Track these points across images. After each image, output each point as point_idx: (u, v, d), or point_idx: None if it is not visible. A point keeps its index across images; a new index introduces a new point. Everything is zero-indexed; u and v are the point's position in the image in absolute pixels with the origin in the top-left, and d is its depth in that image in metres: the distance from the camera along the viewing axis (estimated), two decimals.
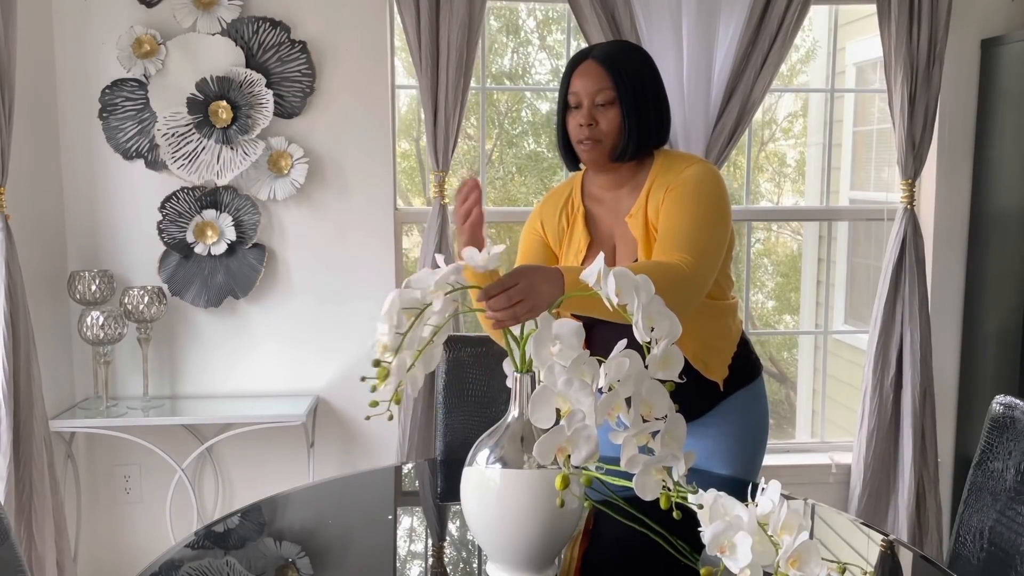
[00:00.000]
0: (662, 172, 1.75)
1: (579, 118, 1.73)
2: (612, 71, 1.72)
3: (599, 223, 1.82)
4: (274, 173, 2.78)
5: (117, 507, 2.94)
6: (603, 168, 1.78)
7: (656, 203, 1.71)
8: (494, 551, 1.25)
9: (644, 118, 1.74)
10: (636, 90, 1.73)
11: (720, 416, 1.82)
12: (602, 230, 1.81)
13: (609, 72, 1.72)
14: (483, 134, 3.12)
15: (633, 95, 1.72)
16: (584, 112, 1.73)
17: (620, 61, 1.73)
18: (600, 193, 1.84)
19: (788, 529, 0.99)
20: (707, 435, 1.82)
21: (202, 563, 1.44)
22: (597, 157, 1.76)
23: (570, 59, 1.81)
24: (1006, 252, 2.84)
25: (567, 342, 1.17)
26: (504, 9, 3.48)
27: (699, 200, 1.68)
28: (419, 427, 2.82)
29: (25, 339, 2.37)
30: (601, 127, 1.73)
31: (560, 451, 1.10)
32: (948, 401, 3.07)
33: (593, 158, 1.76)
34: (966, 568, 1.56)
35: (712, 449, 1.82)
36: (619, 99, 1.72)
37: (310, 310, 2.89)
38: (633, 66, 1.74)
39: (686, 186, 1.69)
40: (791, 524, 1.00)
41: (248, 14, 2.73)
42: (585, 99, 1.73)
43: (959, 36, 2.89)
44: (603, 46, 1.79)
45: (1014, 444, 1.53)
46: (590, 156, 1.76)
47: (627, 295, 1.14)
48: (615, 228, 1.80)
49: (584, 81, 1.73)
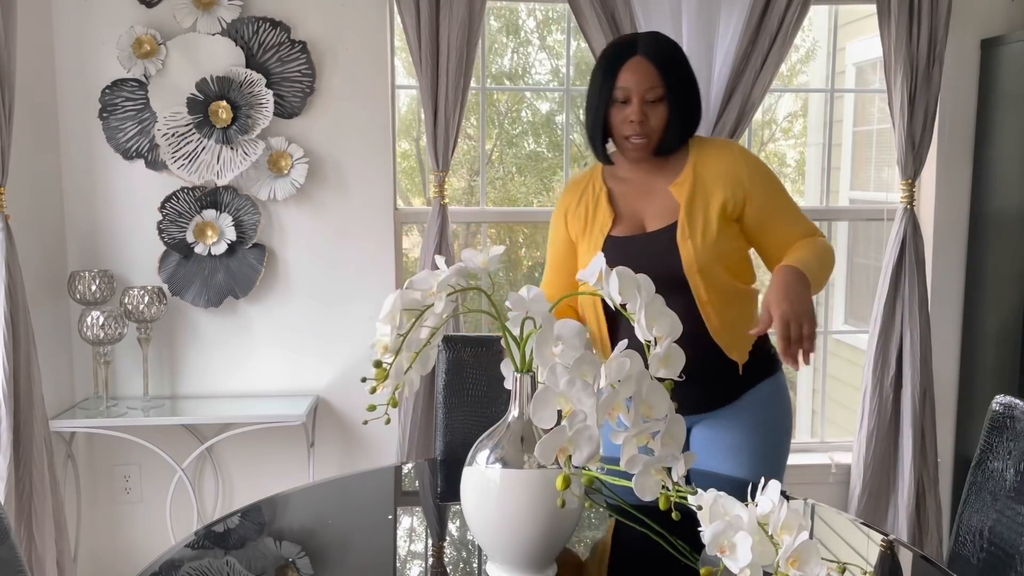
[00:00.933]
0: (700, 149, 1.82)
1: (630, 114, 1.75)
2: (663, 69, 1.75)
3: (622, 200, 1.85)
4: (274, 173, 2.78)
5: (117, 507, 2.94)
6: (645, 159, 1.82)
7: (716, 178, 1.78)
8: (494, 551, 1.25)
9: (689, 113, 1.80)
10: (682, 86, 1.78)
11: (745, 408, 1.84)
12: (626, 205, 1.84)
13: (660, 70, 1.74)
14: (483, 134, 3.12)
15: (679, 92, 1.77)
16: (635, 108, 1.74)
17: (668, 58, 1.77)
18: (626, 174, 1.87)
19: (788, 529, 0.99)
20: (734, 426, 1.83)
21: (202, 563, 1.43)
22: (645, 152, 1.79)
23: (612, 51, 1.80)
24: (1006, 252, 2.84)
25: (569, 342, 1.17)
26: (504, 9, 3.48)
27: (776, 184, 1.84)
28: (419, 427, 2.82)
29: (25, 339, 2.37)
30: (651, 123, 1.76)
31: (562, 451, 1.10)
32: (948, 401, 3.07)
33: (641, 153, 1.80)
34: (966, 568, 1.56)
35: (740, 442, 1.83)
36: (668, 96, 1.75)
37: (310, 310, 2.89)
38: (679, 62, 1.79)
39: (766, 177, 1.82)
40: (791, 524, 1.00)
41: (248, 14, 2.73)
42: (635, 95, 1.74)
43: (959, 36, 2.90)
44: (647, 40, 1.79)
45: (1014, 444, 1.53)
46: (638, 152, 1.79)
47: (628, 294, 1.14)
48: (640, 203, 1.84)
49: (636, 77, 1.74)
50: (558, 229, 1.93)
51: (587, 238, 1.85)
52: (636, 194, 1.85)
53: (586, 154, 3.72)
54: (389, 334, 1.17)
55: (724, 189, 1.78)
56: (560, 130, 3.31)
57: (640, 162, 1.84)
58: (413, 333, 1.19)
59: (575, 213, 1.88)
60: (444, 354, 2.09)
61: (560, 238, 1.93)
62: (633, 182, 1.86)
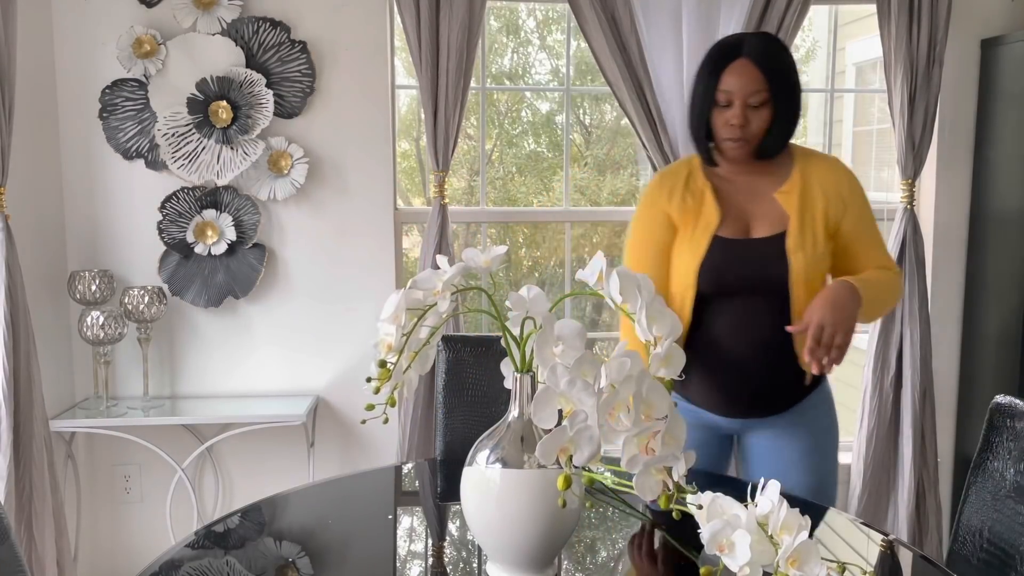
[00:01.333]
0: (805, 159, 1.82)
1: (731, 117, 1.73)
2: (768, 73, 1.71)
3: (728, 199, 1.82)
4: (274, 173, 2.78)
5: (117, 507, 2.93)
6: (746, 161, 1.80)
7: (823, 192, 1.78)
8: (494, 551, 1.25)
9: (793, 117, 1.77)
10: (787, 90, 1.74)
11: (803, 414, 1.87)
12: (731, 206, 1.82)
13: (765, 74, 1.71)
14: (483, 134, 3.12)
15: (784, 96, 1.74)
16: (737, 112, 1.72)
17: (774, 61, 1.73)
18: (729, 174, 1.84)
19: (788, 529, 0.99)
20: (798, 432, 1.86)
21: (202, 563, 1.44)
22: (744, 155, 1.77)
23: (717, 51, 1.77)
24: (1006, 252, 2.84)
25: (569, 342, 1.17)
26: (504, 9, 3.48)
27: (869, 209, 1.85)
28: (419, 427, 2.82)
29: (25, 339, 2.37)
30: (752, 127, 1.73)
31: (562, 451, 1.10)
32: (948, 401, 3.07)
33: (740, 156, 1.78)
34: (966, 568, 1.56)
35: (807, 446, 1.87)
36: (772, 100, 1.72)
37: (310, 310, 2.89)
38: (784, 65, 1.75)
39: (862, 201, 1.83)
40: (791, 524, 1.00)
41: (248, 14, 2.73)
42: (738, 99, 1.72)
43: (959, 36, 2.90)
44: (753, 42, 1.74)
45: (1013, 444, 1.53)
46: (737, 154, 1.77)
47: (629, 295, 1.14)
48: (748, 205, 1.82)
49: (739, 81, 1.71)
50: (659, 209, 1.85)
51: (690, 233, 1.81)
52: (740, 195, 1.82)
53: (586, 154, 3.72)
54: (393, 334, 1.17)
55: (828, 203, 1.78)
56: (560, 130, 3.31)
57: (741, 163, 1.81)
58: (413, 333, 1.19)
59: (680, 202, 1.83)
60: (444, 354, 2.09)
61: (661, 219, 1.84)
62: (736, 183, 1.84)
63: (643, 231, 1.89)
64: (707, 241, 1.79)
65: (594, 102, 3.66)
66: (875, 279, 1.78)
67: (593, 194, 3.62)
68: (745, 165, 1.82)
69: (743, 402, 1.86)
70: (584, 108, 3.73)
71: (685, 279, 1.81)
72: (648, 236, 1.88)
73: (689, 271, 1.80)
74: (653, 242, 1.87)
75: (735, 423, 1.90)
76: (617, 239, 3.66)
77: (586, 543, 1.53)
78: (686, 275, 1.81)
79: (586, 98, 3.64)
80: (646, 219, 1.89)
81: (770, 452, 1.89)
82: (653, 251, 1.87)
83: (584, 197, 3.57)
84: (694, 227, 1.81)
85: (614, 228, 3.60)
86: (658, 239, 1.86)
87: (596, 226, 3.62)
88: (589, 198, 3.59)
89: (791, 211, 1.77)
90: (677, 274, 1.83)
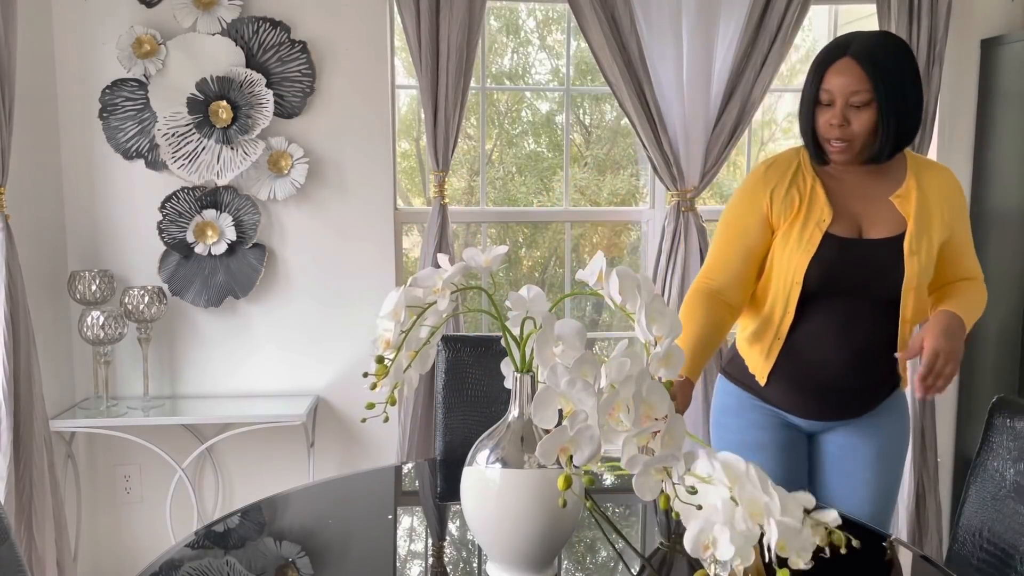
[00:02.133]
0: (919, 166, 1.80)
1: (830, 117, 1.70)
2: (871, 72, 1.66)
3: (839, 197, 1.79)
4: (274, 173, 2.78)
5: (117, 507, 2.94)
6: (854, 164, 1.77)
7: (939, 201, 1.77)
8: (494, 551, 1.25)
9: (902, 120, 1.70)
10: (895, 92, 1.67)
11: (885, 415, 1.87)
12: (842, 204, 1.78)
13: (868, 73, 1.65)
14: (483, 134, 3.12)
15: (892, 98, 1.67)
16: (837, 112, 1.69)
17: (881, 61, 1.66)
18: (839, 173, 1.81)
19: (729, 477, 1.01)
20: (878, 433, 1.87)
21: (202, 563, 1.44)
22: (847, 158, 1.74)
23: (825, 50, 1.73)
24: (1006, 252, 2.84)
25: (570, 342, 1.17)
26: (504, 9, 3.48)
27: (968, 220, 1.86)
28: (419, 427, 2.82)
29: (25, 339, 2.37)
30: (853, 128, 1.69)
31: (562, 451, 1.10)
32: (948, 401, 3.06)
33: (843, 159, 1.74)
34: (965, 568, 1.56)
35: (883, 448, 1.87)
36: (876, 101, 1.67)
37: (310, 310, 2.89)
38: (894, 66, 1.68)
39: (966, 211, 1.83)
40: None
41: (248, 14, 2.73)
42: (839, 99, 1.69)
43: (959, 36, 2.90)
44: (863, 40, 1.69)
45: (1013, 444, 1.53)
46: (840, 157, 1.74)
47: (629, 294, 1.14)
48: (860, 205, 1.78)
49: (840, 80, 1.67)
50: (757, 205, 1.80)
51: (798, 229, 1.77)
52: (852, 195, 1.79)
53: (586, 154, 3.72)
54: (392, 330, 1.17)
55: (942, 212, 1.77)
56: (560, 130, 3.31)
57: (850, 164, 1.78)
58: (413, 331, 1.19)
59: (784, 197, 1.78)
60: (444, 354, 2.09)
61: (757, 215, 1.80)
62: (848, 183, 1.80)
63: (736, 222, 1.85)
64: (819, 237, 1.74)
65: (594, 102, 3.66)
66: (972, 303, 1.79)
67: (593, 194, 3.61)
68: (856, 166, 1.79)
69: (832, 404, 1.84)
70: (584, 108, 3.73)
71: (793, 275, 1.76)
72: (739, 230, 1.84)
73: (798, 267, 1.75)
74: (743, 233, 1.83)
75: (816, 424, 1.88)
76: (617, 239, 3.66)
77: (586, 543, 1.53)
78: (794, 271, 1.76)
79: (586, 98, 3.64)
80: (741, 210, 1.84)
81: (844, 451, 1.88)
82: (740, 244, 1.83)
83: (584, 197, 3.57)
84: (804, 222, 1.76)
85: (614, 228, 3.60)
86: (749, 233, 1.82)
87: (596, 226, 3.62)
88: (589, 198, 3.59)
89: (908, 215, 1.74)
90: (782, 269, 1.79)
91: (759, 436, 1.89)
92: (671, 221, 2.86)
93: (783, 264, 1.79)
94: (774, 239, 1.81)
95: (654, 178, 3.00)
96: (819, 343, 1.79)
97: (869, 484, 1.86)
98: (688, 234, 2.86)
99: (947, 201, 1.79)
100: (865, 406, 1.85)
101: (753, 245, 1.82)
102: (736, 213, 1.85)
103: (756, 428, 1.89)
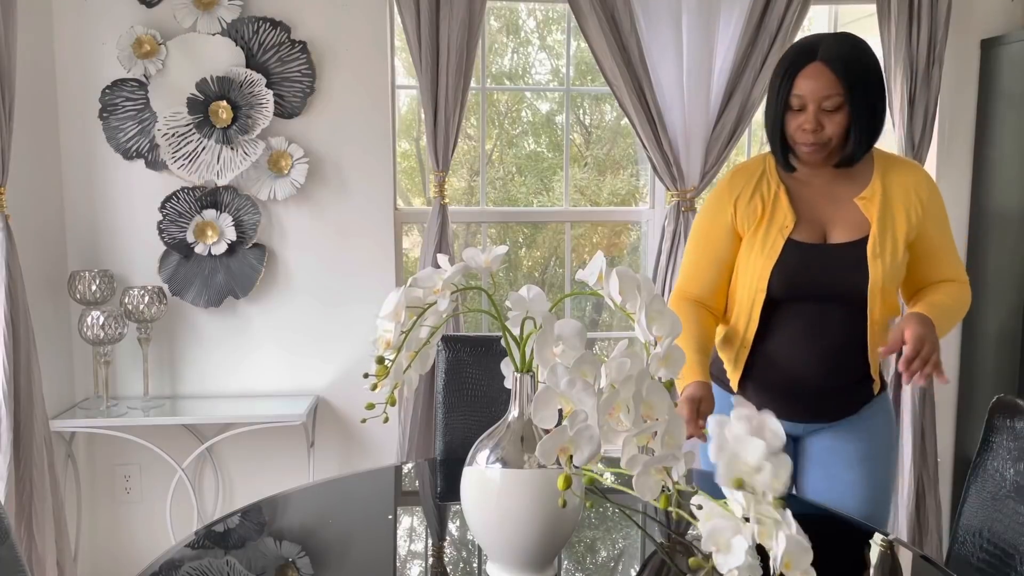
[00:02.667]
0: (886, 165, 1.78)
1: (803, 122, 1.69)
2: (843, 76, 1.65)
3: (801, 202, 1.78)
4: (274, 173, 2.78)
5: (117, 507, 2.94)
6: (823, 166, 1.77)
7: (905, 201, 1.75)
8: (494, 551, 1.25)
9: (872, 122, 1.70)
10: (866, 95, 1.68)
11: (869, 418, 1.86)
12: (807, 209, 1.78)
13: (840, 77, 1.65)
14: (483, 134, 3.12)
15: (862, 99, 1.67)
16: (810, 117, 1.68)
17: (850, 63, 1.66)
18: (805, 176, 1.80)
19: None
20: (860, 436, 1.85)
21: (202, 563, 1.44)
22: (819, 160, 1.74)
23: (792, 54, 1.71)
24: (1006, 252, 2.84)
25: (570, 342, 1.17)
26: (504, 9, 3.48)
27: (946, 220, 1.83)
28: (419, 427, 2.82)
29: (25, 339, 2.37)
30: (826, 132, 1.69)
31: (562, 451, 1.10)
32: (948, 401, 3.07)
33: (815, 161, 1.74)
34: (965, 568, 1.56)
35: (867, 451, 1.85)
36: (848, 104, 1.67)
37: (310, 310, 2.89)
38: (862, 68, 1.68)
39: (941, 209, 1.80)
40: None
41: (248, 14, 2.73)
42: (811, 104, 1.68)
43: (959, 36, 2.90)
44: (830, 45, 1.68)
45: (1013, 444, 1.53)
46: (812, 159, 1.73)
47: (629, 294, 1.14)
48: (825, 209, 1.78)
49: (812, 84, 1.66)
50: (722, 214, 1.81)
51: (761, 235, 1.77)
52: (817, 199, 1.78)
53: (586, 154, 3.72)
54: (392, 330, 1.17)
55: (908, 212, 1.75)
56: (560, 130, 3.31)
57: (820, 166, 1.77)
58: (413, 332, 1.19)
59: (747, 204, 1.79)
60: (444, 354, 2.09)
61: (722, 224, 1.82)
62: (813, 186, 1.79)
63: (703, 233, 1.86)
64: (781, 244, 1.75)
65: (594, 102, 3.66)
66: (946, 306, 1.77)
67: (593, 194, 3.62)
68: (823, 169, 1.78)
69: (809, 408, 1.84)
70: (584, 108, 3.73)
71: (756, 282, 1.77)
72: (707, 240, 1.85)
73: (761, 274, 1.76)
74: (710, 245, 1.84)
75: (797, 427, 1.88)
76: (617, 239, 3.66)
77: (586, 543, 1.53)
78: (758, 278, 1.77)
79: (586, 98, 3.64)
80: (708, 220, 1.85)
81: (827, 453, 1.87)
82: (710, 254, 1.84)
83: (584, 197, 3.57)
84: (767, 229, 1.77)
85: (614, 228, 3.60)
86: (717, 243, 1.83)
87: (596, 226, 3.62)
88: (589, 198, 3.59)
89: (872, 218, 1.73)
90: (746, 276, 1.79)
91: None
92: (671, 221, 2.87)
93: (747, 271, 1.79)
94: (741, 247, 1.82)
95: (654, 178, 3.00)
96: (788, 349, 1.79)
97: (855, 485, 1.84)
98: (688, 234, 2.86)
99: (916, 200, 1.76)
100: (843, 409, 1.84)
101: (722, 255, 1.83)
102: (703, 223, 1.86)
103: None
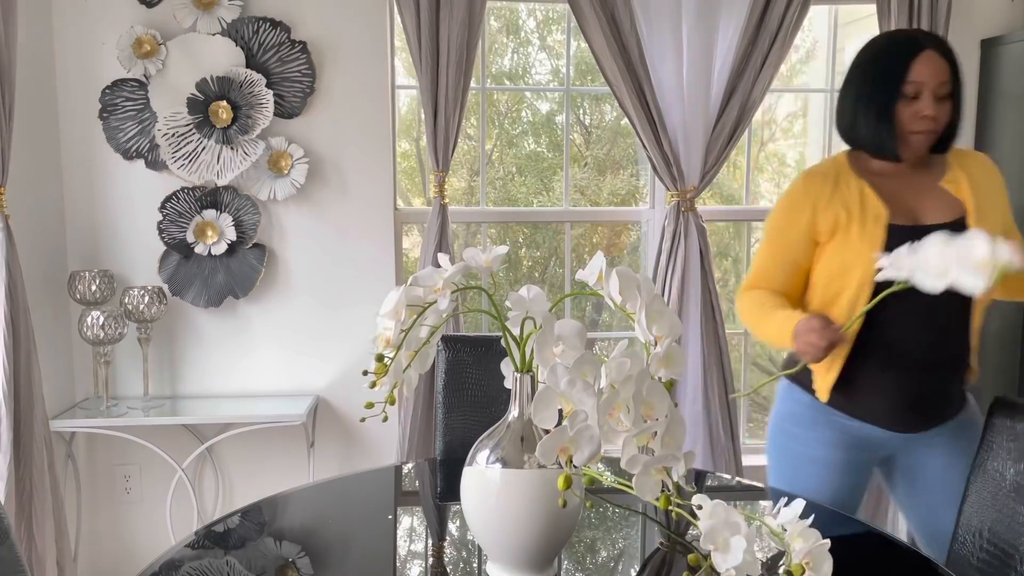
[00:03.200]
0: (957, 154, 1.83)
1: (922, 108, 1.72)
2: (952, 64, 1.73)
3: (889, 194, 1.79)
4: (274, 173, 2.78)
5: (117, 507, 2.94)
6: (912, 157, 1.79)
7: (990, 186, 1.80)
8: (494, 551, 1.25)
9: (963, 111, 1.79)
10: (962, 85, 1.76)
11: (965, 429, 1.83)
12: (894, 200, 1.79)
13: (950, 65, 1.72)
14: (483, 134, 3.12)
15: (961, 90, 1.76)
16: (929, 103, 1.71)
17: (952, 54, 1.74)
18: (882, 170, 1.82)
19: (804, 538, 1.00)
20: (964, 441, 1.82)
21: (202, 563, 1.43)
22: (926, 148, 1.77)
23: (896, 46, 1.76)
24: None
25: (570, 343, 1.17)
26: (504, 9, 3.48)
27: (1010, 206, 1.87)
28: (419, 427, 2.82)
29: (25, 339, 2.37)
30: (940, 119, 1.74)
31: (562, 451, 1.10)
32: None
33: (923, 149, 1.77)
34: (965, 568, 1.56)
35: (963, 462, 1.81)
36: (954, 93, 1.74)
37: (310, 310, 2.89)
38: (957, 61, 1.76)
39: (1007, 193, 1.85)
40: (808, 536, 1.00)
41: (248, 14, 2.73)
42: (928, 89, 1.71)
43: (959, 36, 2.90)
44: (932, 36, 1.75)
45: (1013, 444, 1.53)
46: (922, 147, 1.76)
47: (629, 294, 1.14)
48: (912, 198, 1.79)
49: (930, 70, 1.70)
50: (799, 217, 1.82)
51: (856, 230, 1.76)
52: (902, 190, 1.80)
53: (586, 154, 3.72)
54: (392, 328, 1.17)
55: (994, 194, 1.80)
56: (560, 130, 3.31)
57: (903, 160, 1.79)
58: (413, 331, 1.19)
59: (829, 205, 1.79)
60: (444, 354, 2.09)
61: (799, 229, 1.82)
62: (895, 177, 1.81)
63: (778, 236, 1.86)
64: (882, 231, 1.74)
65: (594, 102, 3.66)
66: None
67: (593, 194, 3.61)
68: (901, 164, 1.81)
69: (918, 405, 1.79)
70: (584, 108, 3.72)
71: (860, 276, 1.74)
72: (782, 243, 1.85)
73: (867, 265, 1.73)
74: (786, 246, 1.84)
75: (895, 439, 1.83)
76: (617, 239, 3.66)
77: (586, 543, 1.53)
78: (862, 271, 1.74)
79: (586, 98, 3.64)
80: (783, 223, 1.85)
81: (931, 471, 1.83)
82: (784, 257, 1.85)
83: (584, 197, 3.57)
84: (861, 223, 1.76)
85: (614, 228, 3.60)
86: (792, 246, 1.83)
87: (596, 226, 3.62)
88: (589, 198, 3.59)
89: (964, 198, 1.77)
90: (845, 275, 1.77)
91: (824, 453, 1.85)
92: (671, 221, 2.87)
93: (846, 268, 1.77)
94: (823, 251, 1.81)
95: (654, 178, 3.00)
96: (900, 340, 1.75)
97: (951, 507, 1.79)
98: (688, 234, 2.86)
99: (994, 182, 1.82)
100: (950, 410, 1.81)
101: (796, 257, 1.84)
102: (778, 226, 1.86)
103: (823, 444, 1.86)
